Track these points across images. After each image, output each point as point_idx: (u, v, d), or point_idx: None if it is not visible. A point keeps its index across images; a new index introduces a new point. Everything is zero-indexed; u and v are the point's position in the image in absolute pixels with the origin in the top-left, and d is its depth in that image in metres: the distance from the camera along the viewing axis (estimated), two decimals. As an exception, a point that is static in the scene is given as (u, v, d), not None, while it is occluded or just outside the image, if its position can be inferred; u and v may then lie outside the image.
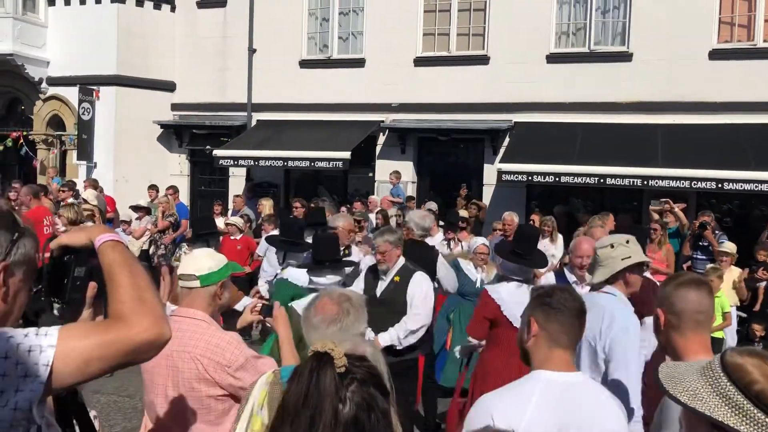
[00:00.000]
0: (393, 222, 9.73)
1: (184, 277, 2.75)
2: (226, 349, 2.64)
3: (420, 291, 4.66)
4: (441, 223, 8.74)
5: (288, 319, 2.93)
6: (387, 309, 4.58)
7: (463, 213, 9.53)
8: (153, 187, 12.53)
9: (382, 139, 13.69)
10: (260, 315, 3.05)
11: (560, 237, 9.25)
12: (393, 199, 11.80)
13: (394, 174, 12.62)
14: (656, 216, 9.16)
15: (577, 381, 2.18)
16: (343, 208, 10.97)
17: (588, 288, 3.71)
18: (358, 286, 4.85)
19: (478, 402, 2.17)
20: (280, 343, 2.90)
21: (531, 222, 9.85)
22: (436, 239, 8.54)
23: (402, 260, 4.79)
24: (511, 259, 4.39)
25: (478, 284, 6.49)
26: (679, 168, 10.42)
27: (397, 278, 4.75)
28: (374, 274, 4.88)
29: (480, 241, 6.93)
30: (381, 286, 4.79)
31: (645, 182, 10.57)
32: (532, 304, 2.28)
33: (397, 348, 4.60)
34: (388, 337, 4.60)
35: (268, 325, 3.08)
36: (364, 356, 1.49)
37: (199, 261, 2.78)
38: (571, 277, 4.47)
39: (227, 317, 3.89)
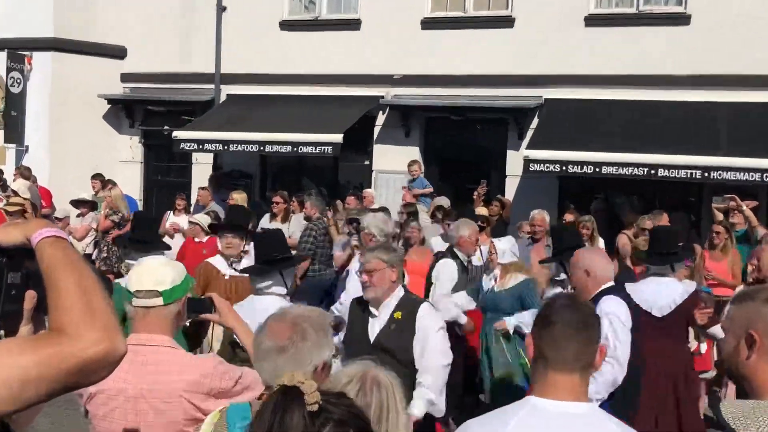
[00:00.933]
0: (425, 220, 9.52)
1: (141, 294, 2.75)
2: (214, 375, 2.70)
3: (434, 328, 4.28)
4: (449, 222, 8.70)
5: (235, 311, 3.02)
6: (385, 359, 3.85)
7: (481, 211, 9.47)
8: (98, 177, 12.53)
9: (381, 118, 13.62)
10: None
11: (601, 241, 9.20)
12: (417, 191, 11.62)
13: (414, 164, 12.39)
14: (720, 216, 9.11)
15: (577, 413, 2.17)
16: (338, 203, 10.91)
17: None
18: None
19: (462, 426, 2.30)
20: (240, 339, 2.99)
21: (564, 222, 9.78)
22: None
23: (401, 290, 4.41)
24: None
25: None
26: (748, 157, 10.40)
27: (397, 315, 4.31)
28: (362, 307, 4.46)
29: (502, 244, 6.71)
30: (374, 327, 4.34)
31: (706, 174, 10.56)
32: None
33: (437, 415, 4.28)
34: (423, 403, 4.15)
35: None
36: (343, 393, 1.51)
37: (160, 272, 2.79)
38: None
39: None
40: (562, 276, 5.81)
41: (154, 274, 2.77)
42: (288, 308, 2.49)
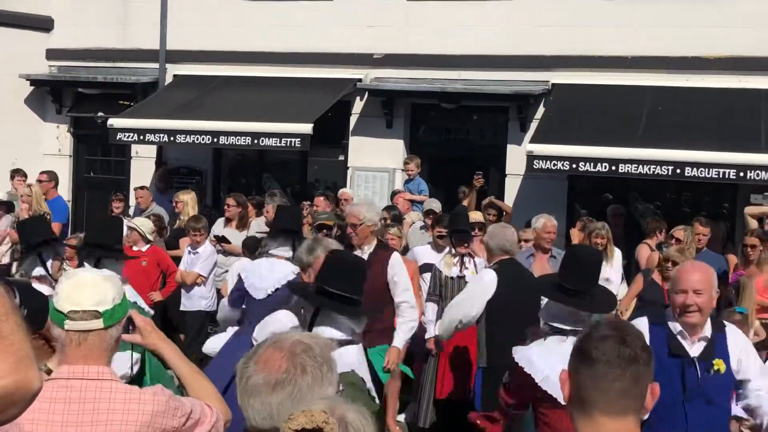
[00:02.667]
0: (416, 232, 9.87)
1: (78, 316, 2.71)
2: (166, 414, 2.70)
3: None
4: (440, 230, 8.75)
5: (158, 330, 3.07)
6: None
7: (475, 216, 9.50)
8: (18, 173, 12.43)
9: (359, 105, 13.66)
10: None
11: (617, 252, 9.27)
12: (412, 196, 11.77)
13: (416, 161, 12.43)
14: (753, 224, 9.20)
15: None
16: (306, 204, 10.92)
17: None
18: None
19: None
20: (168, 362, 3.05)
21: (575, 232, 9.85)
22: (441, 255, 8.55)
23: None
24: (558, 299, 4.49)
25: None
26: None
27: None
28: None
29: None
30: None
31: (741, 173, 10.63)
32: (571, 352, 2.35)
33: None
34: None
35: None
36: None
37: (101, 289, 2.76)
38: (675, 326, 4.47)
39: None
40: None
41: (93, 290, 2.74)
42: (284, 333, 2.44)
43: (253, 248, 8.82)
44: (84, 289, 2.74)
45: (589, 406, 2.22)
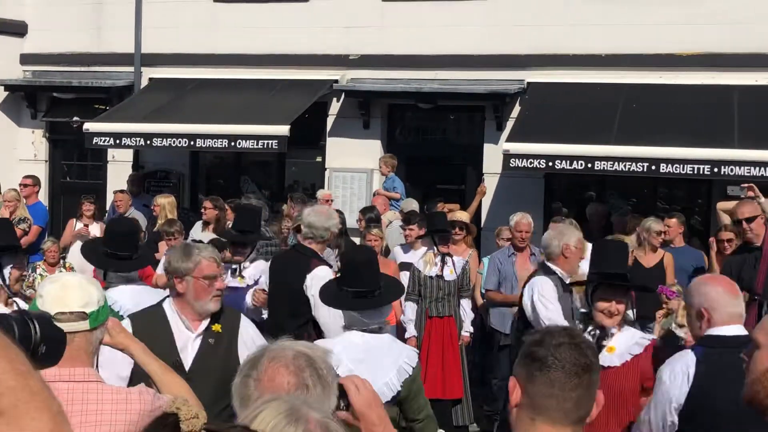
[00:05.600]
0: (394, 231, 9.79)
1: (65, 318, 2.73)
2: (153, 412, 2.69)
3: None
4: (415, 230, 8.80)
5: (126, 330, 3.13)
6: None
7: (461, 216, 9.48)
8: (-7, 179, 12.30)
9: (335, 107, 13.66)
10: None
11: (588, 246, 9.30)
12: (389, 194, 11.84)
13: (386, 160, 12.53)
14: (726, 219, 9.19)
15: None
16: (287, 208, 10.88)
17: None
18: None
19: None
20: (138, 361, 3.10)
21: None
22: (418, 254, 8.57)
23: None
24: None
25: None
26: (766, 149, 10.54)
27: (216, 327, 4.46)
28: None
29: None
30: None
31: (715, 169, 10.70)
32: (518, 357, 2.28)
33: None
34: None
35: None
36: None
37: (87, 291, 2.80)
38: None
39: None
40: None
41: (80, 292, 2.78)
42: (284, 345, 2.36)
43: (219, 249, 8.82)
44: (70, 290, 2.77)
45: (539, 414, 2.18)
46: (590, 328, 4.60)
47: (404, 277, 8.42)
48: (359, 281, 4.35)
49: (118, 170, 14.55)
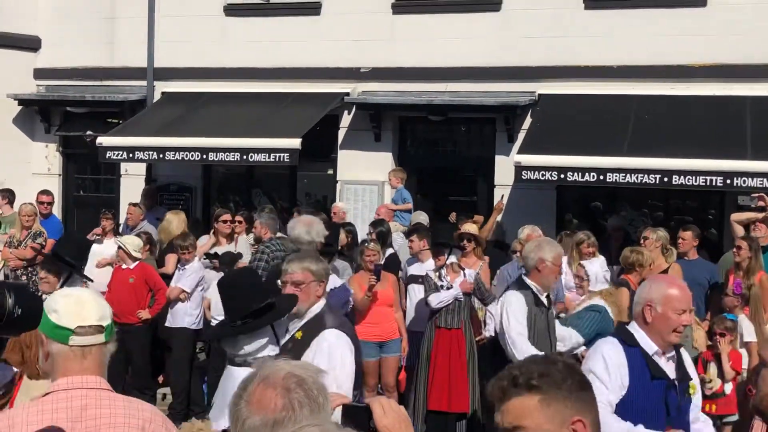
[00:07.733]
0: (398, 240, 9.90)
1: (83, 331, 2.78)
2: (158, 423, 2.81)
3: (324, 360, 4.39)
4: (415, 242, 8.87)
5: None
6: None
7: (470, 227, 9.49)
8: (7, 193, 12.29)
9: (347, 119, 13.68)
10: None
11: (601, 259, 9.28)
12: (400, 206, 11.88)
13: (395, 173, 12.61)
14: (740, 230, 9.16)
15: None
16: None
17: None
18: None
19: None
20: None
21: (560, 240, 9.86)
22: (425, 266, 8.58)
23: (321, 303, 4.73)
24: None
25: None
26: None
27: (299, 334, 4.66)
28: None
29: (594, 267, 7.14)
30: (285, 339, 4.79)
31: (728, 180, 10.66)
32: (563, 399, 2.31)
33: None
34: None
35: None
36: None
37: (101, 305, 2.86)
38: (650, 346, 4.15)
39: None
40: None
41: (96, 306, 2.83)
42: (271, 366, 2.33)
43: (230, 263, 8.91)
44: (86, 305, 2.82)
45: None
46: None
47: (412, 290, 8.44)
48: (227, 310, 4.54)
49: (131, 184, 14.59)
